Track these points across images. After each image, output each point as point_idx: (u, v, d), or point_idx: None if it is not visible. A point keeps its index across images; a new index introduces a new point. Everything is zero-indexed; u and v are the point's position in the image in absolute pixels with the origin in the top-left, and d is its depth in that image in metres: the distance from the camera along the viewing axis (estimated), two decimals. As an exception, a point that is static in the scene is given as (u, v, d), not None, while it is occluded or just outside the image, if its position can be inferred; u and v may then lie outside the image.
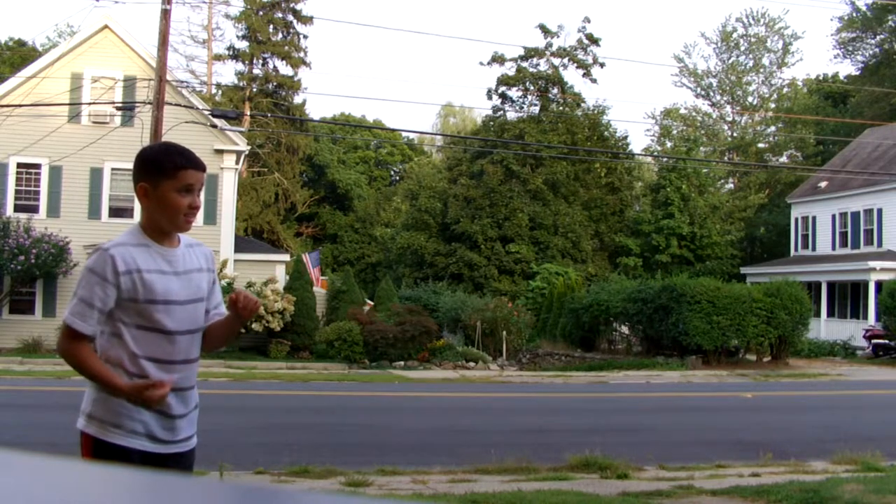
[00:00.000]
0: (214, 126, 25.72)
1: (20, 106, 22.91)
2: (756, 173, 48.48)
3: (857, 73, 51.22)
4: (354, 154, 58.48)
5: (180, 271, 3.14)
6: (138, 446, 3.04)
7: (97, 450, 3.03)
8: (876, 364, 26.12)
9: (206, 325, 3.28)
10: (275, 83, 44.84)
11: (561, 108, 40.61)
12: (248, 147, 29.99)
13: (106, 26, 25.09)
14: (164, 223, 3.10)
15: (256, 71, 44.82)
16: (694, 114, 53.05)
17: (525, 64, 40.21)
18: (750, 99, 52.40)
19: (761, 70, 51.73)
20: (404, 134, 62.19)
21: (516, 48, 52.90)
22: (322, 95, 76.78)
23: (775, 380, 21.04)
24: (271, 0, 43.48)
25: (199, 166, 3.12)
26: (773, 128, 51.60)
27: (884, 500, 6.60)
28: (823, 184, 36.83)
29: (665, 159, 43.20)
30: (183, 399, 3.13)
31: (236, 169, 26.82)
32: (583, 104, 40.76)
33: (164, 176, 3.04)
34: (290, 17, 44.25)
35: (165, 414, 3.08)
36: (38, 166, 24.56)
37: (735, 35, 51.64)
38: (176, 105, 22.21)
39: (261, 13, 43.52)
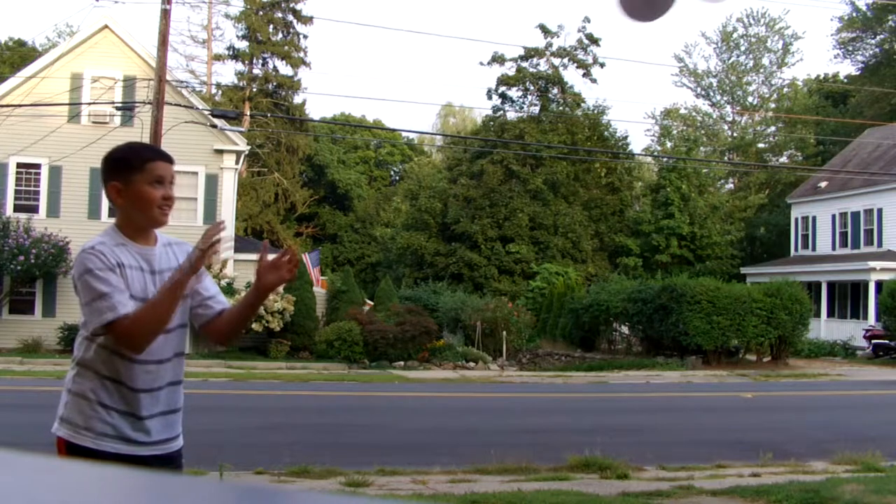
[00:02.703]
0: (214, 126, 25.72)
1: (20, 106, 22.91)
2: (756, 173, 48.49)
3: (857, 73, 51.21)
4: (354, 154, 58.46)
5: (156, 270, 3.10)
6: (110, 449, 2.99)
7: (69, 453, 2.99)
8: (876, 364, 26.11)
9: (209, 316, 3.22)
10: (275, 83, 44.84)
11: (561, 108, 40.61)
12: (248, 147, 29.99)
13: (106, 26, 25.09)
14: (140, 220, 3.08)
15: (256, 71, 44.84)
16: (694, 114, 53.06)
17: (525, 64, 40.21)
18: (750, 99, 52.40)
19: (761, 70, 51.74)
20: (404, 134, 62.24)
21: (516, 48, 52.92)
22: (322, 95, 76.78)
23: (775, 380, 21.04)
24: (271, 0, 43.49)
25: (168, 158, 3.11)
26: (773, 128, 51.60)
27: (884, 500, 6.60)
28: (823, 184, 36.83)
29: (665, 159, 43.19)
30: (156, 399, 3.07)
31: (236, 169, 26.82)
32: (583, 104, 40.77)
33: (134, 170, 3.03)
34: (290, 17, 44.26)
35: (135, 416, 3.03)
36: (38, 166, 24.56)
37: (735, 35, 51.65)
38: (176, 105, 22.22)
39: (261, 13, 43.52)
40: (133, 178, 3.03)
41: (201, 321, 3.24)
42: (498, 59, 40.41)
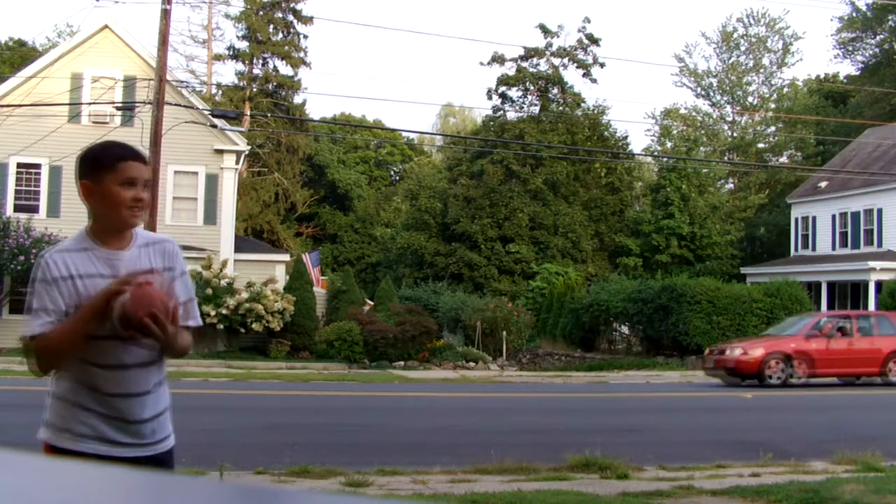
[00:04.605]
0: (214, 126, 25.73)
1: (20, 106, 22.92)
2: (756, 173, 48.47)
3: (857, 73, 51.21)
4: (354, 154, 58.46)
5: (121, 275, 2.97)
6: (90, 450, 2.94)
7: (52, 455, 2.96)
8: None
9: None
10: (275, 83, 44.84)
11: (561, 108, 40.62)
12: (248, 147, 30.00)
13: (106, 26, 25.10)
14: (109, 220, 3.00)
15: (256, 71, 44.85)
16: (694, 114, 53.03)
17: (525, 64, 40.23)
18: (750, 99, 52.38)
19: (761, 70, 51.71)
20: (404, 134, 62.21)
21: (516, 48, 52.89)
22: (322, 95, 76.82)
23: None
24: (271, 0, 43.49)
25: (141, 159, 3.02)
26: (773, 128, 51.58)
27: (884, 500, 6.60)
28: (823, 184, 36.83)
29: (665, 159, 43.18)
30: (140, 403, 3.01)
31: (236, 169, 26.83)
32: (583, 104, 40.78)
33: (105, 170, 2.95)
34: (290, 17, 44.26)
35: (120, 419, 2.98)
36: (38, 166, 24.57)
37: (735, 35, 51.63)
38: (176, 105, 22.21)
39: (261, 13, 43.52)
40: (104, 177, 2.95)
41: None
42: (498, 59, 40.42)
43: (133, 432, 3.02)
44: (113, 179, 2.94)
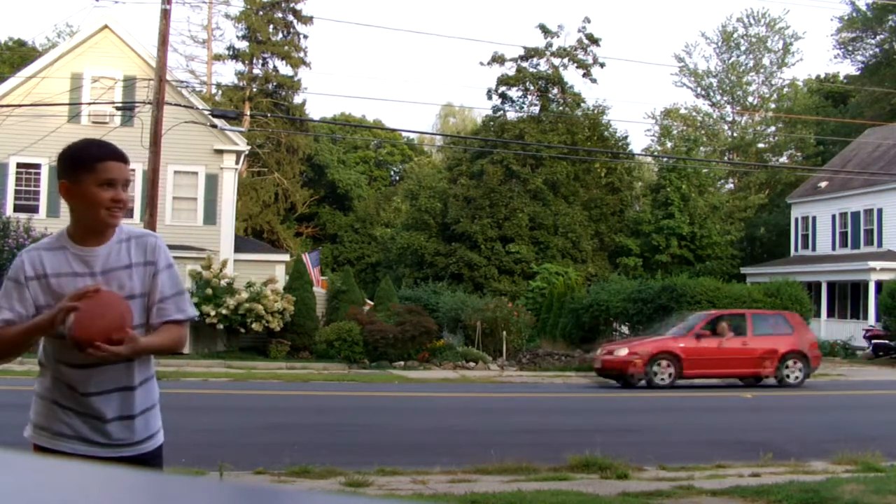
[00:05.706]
0: (214, 126, 25.73)
1: (20, 106, 22.92)
2: (756, 173, 48.48)
3: (857, 73, 51.22)
4: (354, 154, 58.47)
5: (98, 271, 2.95)
6: (67, 449, 2.92)
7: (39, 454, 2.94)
8: (876, 364, 26.10)
9: (155, 321, 3.02)
10: (275, 83, 44.85)
11: (561, 108, 40.62)
12: (248, 147, 29.99)
13: (106, 26, 25.10)
14: (87, 220, 2.97)
15: (256, 71, 44.85)
16: (694, 114, 53.04)
17: (525, 64, 40.24)
18: (750, 99, 52.39)
19: (761, 70, 51.73)
20: (404, 134, 62.21)
21: (516, 48, 52.87)
22: (322, 95, 76.81)
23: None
24: (271, 0, 43.50)
25: (121, 158, 2.96)
26: (773, 128, 51.59)
27: (884, 500, 6.60)
28: (823, 184, 36.83)
29: (665, 159, 43.19)
30: (116, 401, 2.97)
31: (236, 169, 26.82)
32: (583, 104, 40.78)
33: (84, 170, 2.90)
34: (290, 17, 44.28)
35: (96, 418, 2.95)
36: (38, 166, 24.55)
37: (736, 35, 51.64)
38: (176, 105, 22.21)
39: (261, 13, 43.53)
40: (82, 177, 2.91)
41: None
42: (498, 59, 40.41)
43: (109, 432, 2.98)
44: (92, 180, 2.90)
